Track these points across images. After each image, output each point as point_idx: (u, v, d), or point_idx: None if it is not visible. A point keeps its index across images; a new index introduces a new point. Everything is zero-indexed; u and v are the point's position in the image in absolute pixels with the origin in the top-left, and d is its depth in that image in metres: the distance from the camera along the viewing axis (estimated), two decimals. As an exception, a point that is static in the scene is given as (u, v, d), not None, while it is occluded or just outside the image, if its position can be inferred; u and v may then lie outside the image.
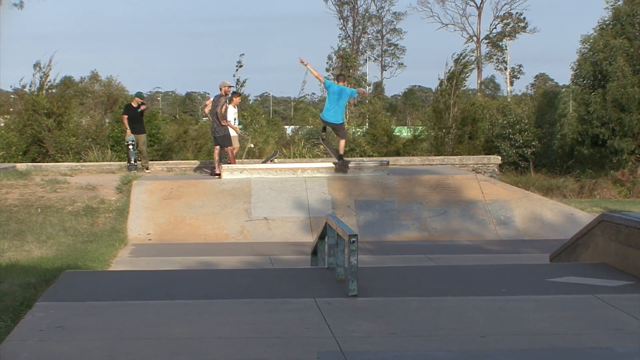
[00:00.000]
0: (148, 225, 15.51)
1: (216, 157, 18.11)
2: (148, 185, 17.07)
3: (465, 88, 29.40)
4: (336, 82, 17.04)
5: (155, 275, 10.02)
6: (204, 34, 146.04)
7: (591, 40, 29.68)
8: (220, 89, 17.97)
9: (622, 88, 27.49)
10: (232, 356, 6.16)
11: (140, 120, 19.72)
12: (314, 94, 71.90)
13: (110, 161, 22.64)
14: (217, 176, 17.64)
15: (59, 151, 25.14)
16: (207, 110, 18.75)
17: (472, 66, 28.61)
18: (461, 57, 28.03)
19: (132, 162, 19.49)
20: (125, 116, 19.70)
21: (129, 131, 19.55)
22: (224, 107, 17.66)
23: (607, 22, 29.46)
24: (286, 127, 34.80)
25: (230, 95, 18.40)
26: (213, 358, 6.13)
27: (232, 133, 18.26)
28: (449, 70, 28.13)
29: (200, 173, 19.86)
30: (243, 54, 25.90)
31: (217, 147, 18.11)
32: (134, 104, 19.77)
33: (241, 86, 25.47)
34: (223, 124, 17.54)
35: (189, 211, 15.91)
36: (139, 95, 20.41)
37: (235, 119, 18.73)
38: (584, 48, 29.95)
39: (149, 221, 15.63)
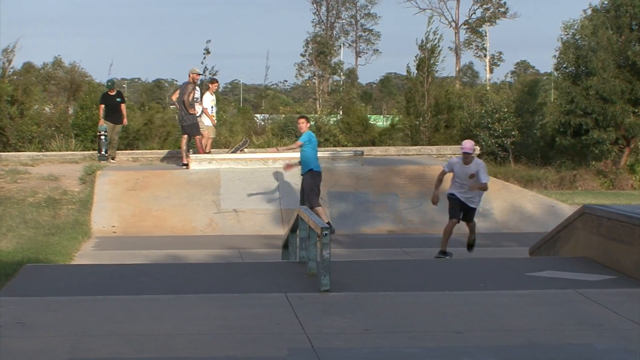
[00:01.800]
0: (112, 217, 15.22)
1: (184, 146, 17.83)
2: (113, 175, 16.77)
3: (439, 75, 29.00)
4: (306, 125, 14.46)
5: (119, 269, 9.92)
6: (170, 18, 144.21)
7: (576, 27, 29.31)
8: (189, 76, 17.68)
9: (604, 81, 27.33)
10: (199, 353, 6.06)
11: (118, 110, 19.53)
12: (286, 81, 70.49)
13: (74, 150, 22.22)
14: (184, 166, 17.34)
15: (21, 140, 24.62)
16: (174, 97, 18.43)
17: (440, 48, 28.12)
18: (425, 43, 27.64)
19: (103, 152, 19.26)
20: (102, 105, 19.49)
21: (102, 120, 19.34)
22: (192, 94, 17.34)
23: (603, 4, 28.91)
24: (257, 115, 34.52)
25: (198, 82, 18.10)
26: (179, 355, 6.03)
27: (207, 122, 17.92)
28: (416, 57, 27.87)
29: (167, 163, 19.55)
30: (210, 40, 25.55)
31: (185, 136, 17.81)
32: (112, 93, 19.65)
33: (212, 75, 25.08)
34: (191, 112, 17.24)
35: (155, 203, 15.63)
36: (110, 84, 20.26)
37: (212, 107, 18.36)
38: (566, 35, 29.63)
39: (114, 213, 15.35)
